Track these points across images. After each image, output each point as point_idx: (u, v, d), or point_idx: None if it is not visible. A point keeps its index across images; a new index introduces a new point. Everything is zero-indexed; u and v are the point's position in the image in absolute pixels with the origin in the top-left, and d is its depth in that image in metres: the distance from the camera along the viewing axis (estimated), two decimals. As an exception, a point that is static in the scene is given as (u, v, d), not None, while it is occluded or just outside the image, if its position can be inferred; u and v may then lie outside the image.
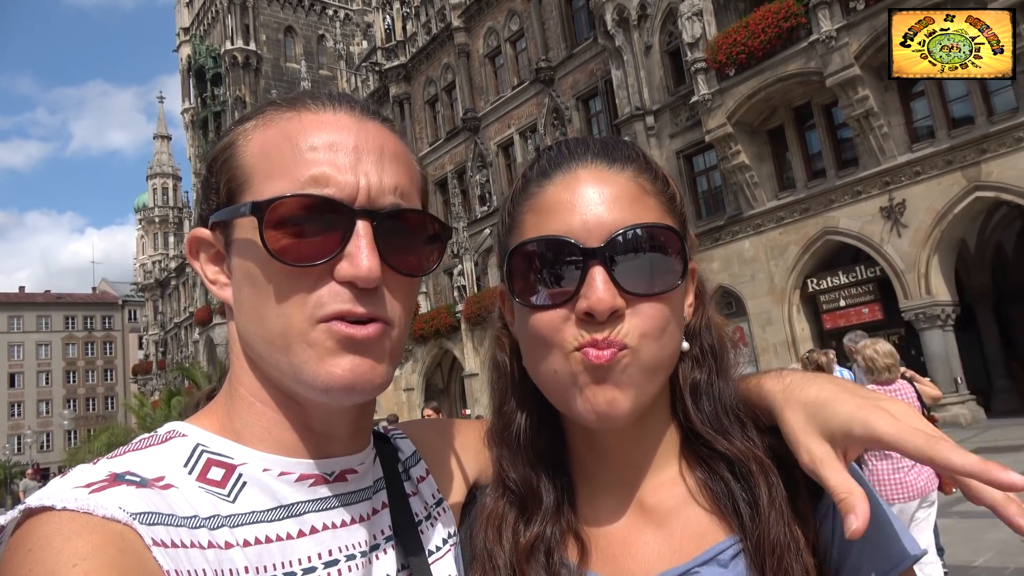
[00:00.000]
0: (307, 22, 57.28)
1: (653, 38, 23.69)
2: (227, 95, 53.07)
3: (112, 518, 0.62)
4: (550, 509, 0.86)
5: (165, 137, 75.50)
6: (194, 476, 0.72)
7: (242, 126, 0.80)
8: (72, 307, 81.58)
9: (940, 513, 9.10)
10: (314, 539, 0.75)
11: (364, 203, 0.74)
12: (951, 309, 18.37)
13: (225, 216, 0.77)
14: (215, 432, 0.78)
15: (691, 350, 0.87)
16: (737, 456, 0.82)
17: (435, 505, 0.92)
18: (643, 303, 0.78)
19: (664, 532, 0.84)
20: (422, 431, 1.01)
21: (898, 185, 18.31)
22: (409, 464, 0.94)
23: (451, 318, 30.56)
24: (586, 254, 0.78)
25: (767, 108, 20.72)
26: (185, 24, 61.13)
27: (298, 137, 0.75)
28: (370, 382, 0.75)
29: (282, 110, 0.79)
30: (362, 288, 0.73)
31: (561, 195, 0.82)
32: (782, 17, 19.03)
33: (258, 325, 0.75)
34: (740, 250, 21.57)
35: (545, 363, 0.81)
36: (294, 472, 0.77)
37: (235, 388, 0.80)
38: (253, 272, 0.75)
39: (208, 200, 0.80)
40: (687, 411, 0.86)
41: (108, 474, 0.67)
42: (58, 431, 73.36)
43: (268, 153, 0.76)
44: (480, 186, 31.69)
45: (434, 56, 34.72)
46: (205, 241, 0.80)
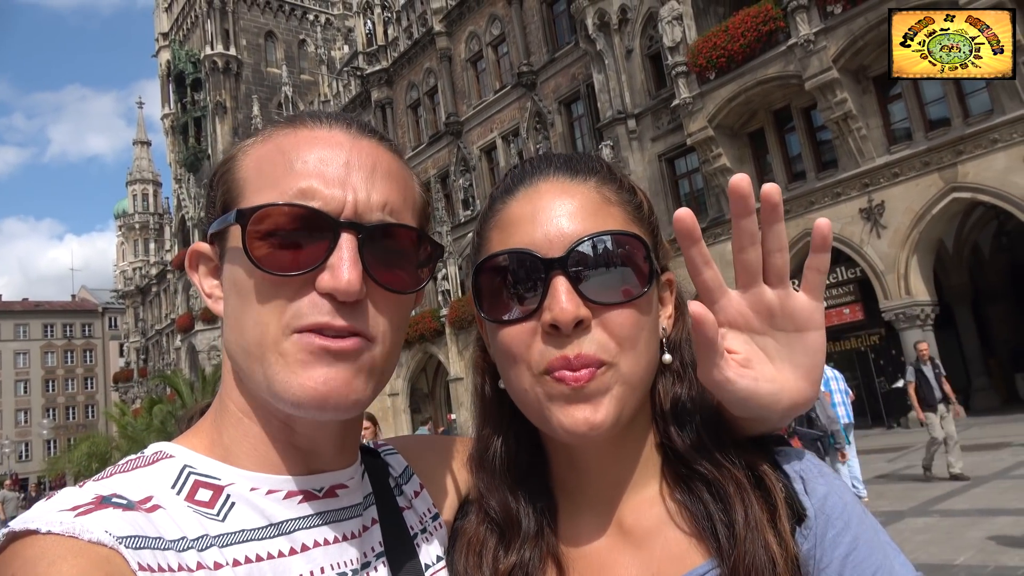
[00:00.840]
0: (288, 27, 56.99)
1: (634, 42, 23.82)
2: (207, 100, 52.66)
3: (98, 542, 0.60)
4: (529, 534, 0.85)
5: (145, 143, 74.78)
6: (182, 497, 0.72)
7: (244, 142, 0.80)
8: (51, 315, 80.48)
9: (922, 512, 9.20)
10: (305, 556, 0.74)
11: (351, 216, 0.73)
12: (930, 309, 18.59)
13: (217, 227, 0.77)
14: (202, 452, 0.77)
15: (672, 364, 0.86)
16: (714, 475, 0.80)
17: (431, 520, 0.91)
18: (609, 312, 0.77)
19: (643, 555, 0.82)
20: (414, 447, 1.00)
21: (877, 187, 18.52)
22: (402, 480, 0.93)
23: (436, 322, 30.50)
24: (547, 265, 0.77)
25: (747, 111, 20.90)
26: (164, 29, 60.61)
27: (291, 152, 0.76)
28: (344, 397, 0.73)
29: (282, 127, 0.79)
30: (342, 301, 0.72)
31: (523, 209, 0.81)
32: (761, 21, 19.21)
33: (238, 335, 0.75)
34: (722, 252, 21.66)
35: (517, 380, 0.80)
36: (282, 490, 0.76)
37: (224, 403, 0.80)
38: (238, 281, 0.75)
39: (209, 214, 0.81)
40: (667, 428, 0.85)
41: (94, 496, 0.66)
42: (37, 441, 72.38)
43: (261, 167, 0.76)
44: (463, 190, 31.68)
45: (416, 61, 34.69)
46: (204, 255, 0.81)
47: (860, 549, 0.76)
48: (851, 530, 0.77)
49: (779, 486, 0.79)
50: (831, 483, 0.80)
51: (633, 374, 0.78)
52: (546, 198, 0.81)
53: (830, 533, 0.77)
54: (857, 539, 0.77)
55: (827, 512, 0.78)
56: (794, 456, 0.83)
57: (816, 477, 0.81)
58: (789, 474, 0.81)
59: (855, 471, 10.62)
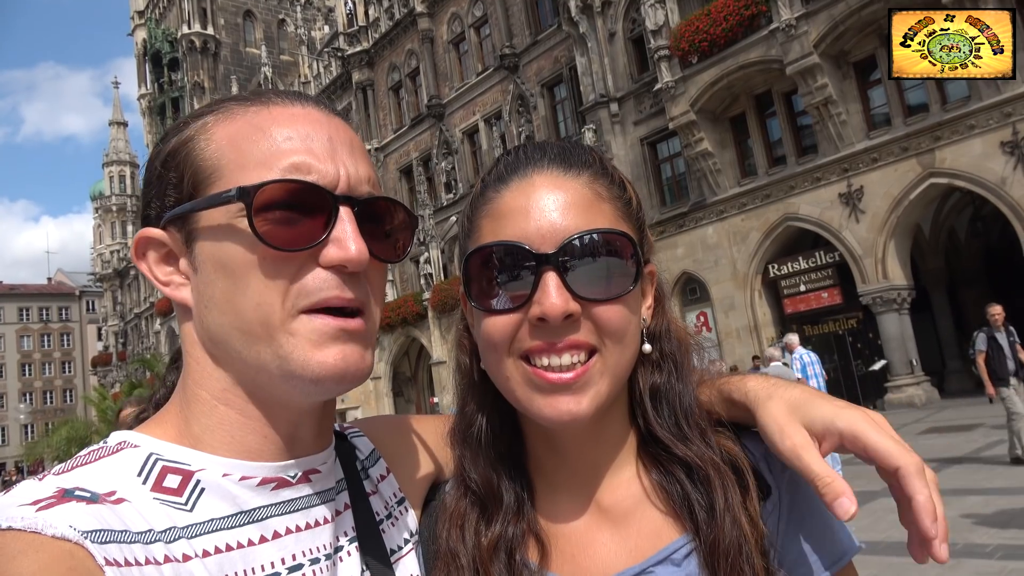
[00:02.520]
0: (267, 6, 56.15)
1: (617, 25, 23.75)
2: (185, 80, 51.88)
3: (62, 537, 0.59)
4: (511, 509, 0.87)
5: (121, 124, 73.43)
6: (148, 486, 0.70)
7: (199, 120, 0.77)
8: (27, 298, 79.29)
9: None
10: (277, 544, 0.73)
11: (345, 190, 0.74)
12: (907, 293, 18.86)
13: (194, 207, 0.73)
14: (170, 440, 0.75)
15: (651, 353, 0.88)
16: (695, 461, 0.83)
17: (396, 504, 0.91)
18: (597, 308, 0.79)
19: (621, 532, 0.86)
20: (379, 429, 0.99)
21: (856, 172, 18.69)
22: (368, 463, 0.92)
23: (418, 306, 30.45)
24: (539, 260, 0.78)
25: (729, 96, 20.95)
26: (140, 7, 59.49)
27: (271, 128, 0.74)
28: (360, 369, 0.75)
29: (245, 104, 0.78)
30: (351, 273, 0.73)
31: (517, 201, 0.82)
32: (743, 5, 19.23)
33: (234, 317, 0.73)
34: (704, 236, 21.84)
35: (501, 367, 0.82)
36: (256, 476, 0.75)
37: (193, 392, 0.77)
38: (230, 262, 0.72)
39: (163, 197, 0.76)
40: (647, 415, 0.87)
41: (56, 490, 0.64)
42: (14, 425, 71.60)
43: (239, 144, 0.74)
44: (446, 173, 31.52)
45: (397, 42, 34.33)
46: (155, 241, 0.77)
47: (815, 522, 0.85)
48: (809, 504, 0.85)
49: (749, 469, 0.84)
50: None
51: (618, 365, 0.82)
52: (540, 191, 0.82)
53: (795, 508, 0.85)
54: (814, 511, 0.85)
55: (789, 487, 0.86)
56: (757, 437, 0.87)
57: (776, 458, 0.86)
58: (755, 454, 0.87)
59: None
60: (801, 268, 20.60)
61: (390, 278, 33.05)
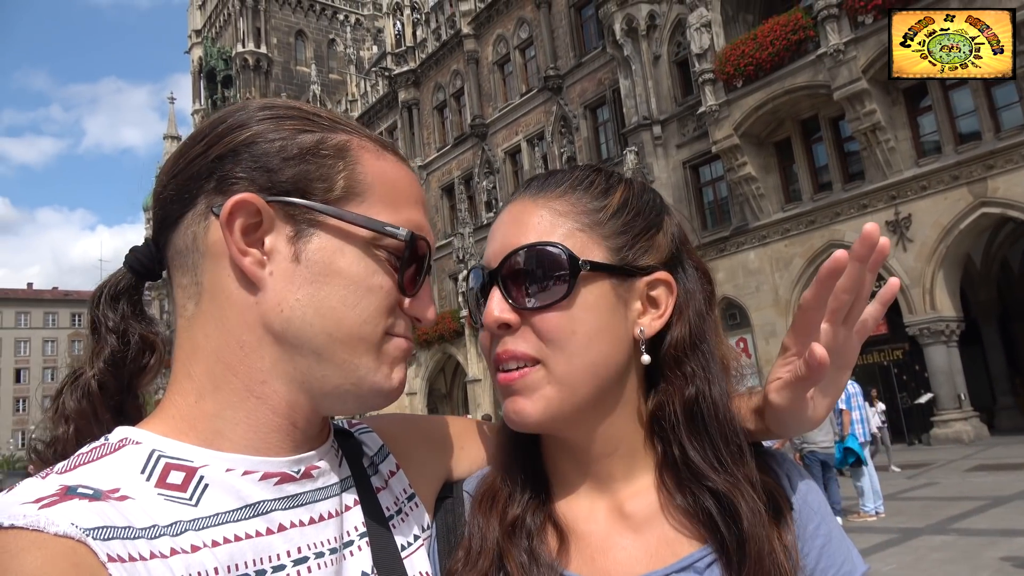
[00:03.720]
0: (318, 26, 57.59)
1: (661, 48, 23.76)
2: (237, 97, 53.33)
3: (64, 535, 0.59)
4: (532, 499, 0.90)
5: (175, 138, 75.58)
6: (152, 483, 0.69)
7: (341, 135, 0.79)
8: (79, 304, 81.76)
9: (939, 530, 9.08)
10: (283, 536, 0.73)
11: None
12: (955, 325, 18.32)
13: (353, 219, 0.76)
14: (171, 436, 0.74)
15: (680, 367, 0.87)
16: (728, 493, 0.82)
17: (407, 500, 0.91)
18: (536, 316, 0.84)
19: (642, 538, 0.86)
20: (389, 425, 0.99)
21: (904, 199, 18.30)
22: (377, 459, 0.92)
23: (455, 323, 30.59)
24: (490, 276, 0.87)
25: (774, 120, 20.75)
26: (197, 26, 61.53)
27: (399, 180, 0.82)
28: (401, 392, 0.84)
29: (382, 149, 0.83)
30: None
31: (495, 224, 0.93)
32: (790, 30, 19.08)
33: (336, 326, 0.75)
34: (745, 261, 21.56)
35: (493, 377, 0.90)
36: (258, 471, 0.74)
37: (224, 378, 0.75)
38: (354, 276, 0.76)
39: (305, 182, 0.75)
40: (681, 438, 0.86)
41: (59, 487, 0.64)
42: (62, 428, 73.46)
43: (384, 180, 0.80)
44: (487, 192, 31.74)
45: (443, 62, 34.86)
46: (252, 208, 0.73)
47: (833, 541, 0.87)
48: (827, 524, 0.87)
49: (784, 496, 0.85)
50: (808, 481, 0.90)
51: (567, 374, 0.84)
52: (506, 215, 0.91)
53: (811, 526, 0.87)
54: (831, 532, 0.87)
55: (809, 506, 0.88)
56: (778, 456, 0.91)
57: (796, 475, 0.91)
58: (777, 472, 0.89)
59: (875, 486, 10.51)
60: (845, 296, 20.14)
61: (429, 295, 33.28)
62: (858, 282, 0.77)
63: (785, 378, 0.83)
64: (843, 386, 0.86)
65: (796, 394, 0.83)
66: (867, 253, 0.76)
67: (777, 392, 0.84)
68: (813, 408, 0.84)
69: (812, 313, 0.79)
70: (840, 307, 0.78)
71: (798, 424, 0.86)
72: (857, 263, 0.76)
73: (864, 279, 0.77)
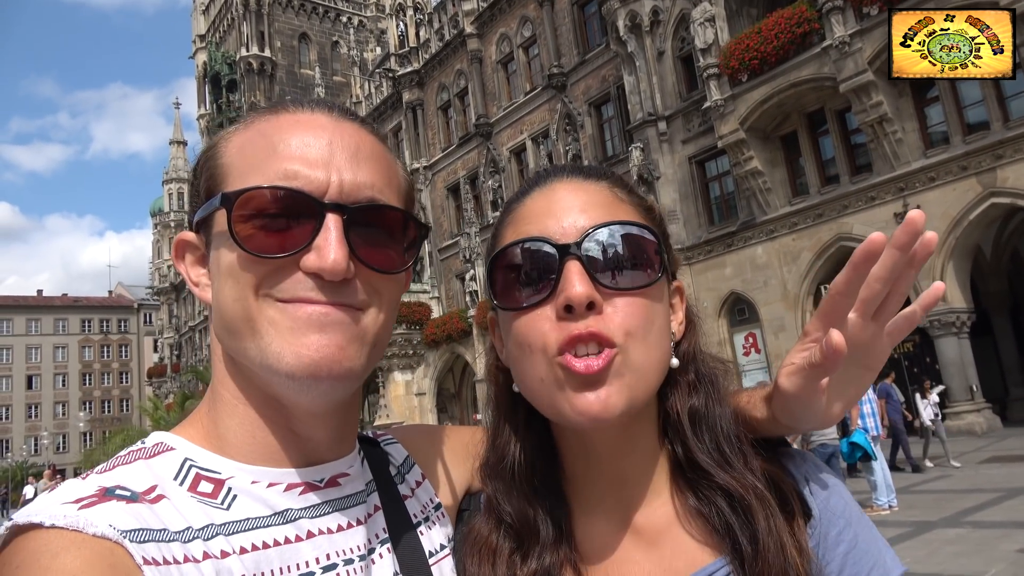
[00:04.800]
0: (321, 29, 57.70)
1: (665, 44, 23.68)
2: (242, 101, 53.53)
3: (103, 536, 0.60)
4: (548, 541, 0.85)
5: (181, 143, 76.08)
6: (185, 488, 0.72)
7: (226, 130, 0.81)
8: (88, 310, 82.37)
9: (953, 523, 9.02)
10: (311, 543, 0.74)
11: (335, 197, 0.74)
12: (966, 316, 18.20)
13: (202, 214, 0.77)
14: (201, 444, 0.77)
15: (686, 375, 0.87)
16: (737, 489, 0.81)
17: (434, 509, 0.92)
18: (621, 298, 0.78)
19: (655, 552, 0.84)
20: (414, 437, 1.00)
21: (912, 191, 18.18)
22: (403, 469, 0.93)
23: (463, 323, 30.59)
24: (561, 250, 0.78)
25: (780, 114, 20.65)
26: (201, 31, 61.74)
27: (273, 135, 0.76)
28: (338, 363, 0.72)
29: (263, 113, 0.80)
30: (328, 280, 0.72)
31: (538, 204, 0.85)
32: (795, 23, 18.97)
33: (219, 317, 0.75)
34: (753, 256, 21.48)
35: (532, 370, 0.80)
36: (281, 482, 0.76)
37: (218, 392, 0.79)
38: (223, 264, 0.74)
39: (193, 204, 0.81)
40: (686, 440, 0.85)
41: (98, 488, 0.66)
42: (74, 432, 74.08)
43: (244, 151, 0.76)
44: (492, 191, 31.74)
45: (447, 62, 34.86)
46: (191, 244, 0.81)
47: (859, 546, 0.82)
48: (852, 527, 0.82)
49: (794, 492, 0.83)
50: (832, 483, 0.86)
51: (643, 364, 0.79)
52: (560, 193, 0.84)
53: (833, 531, 0.82)
54: (857, 536, 0.82)
55: (831, 510, 0.83)
56: (798, 457, 0.87)
57: (818, 477, 0.86)
58: (796, 475, 0.86)
59: (888, 479, 10.47)
60: (854, 289, 20.05)
61: (436, 295, 33.36)
62: (894, 272, 0.69)
63: (798, 363, 0.78)
64: (866, 388, 0.80)
65: (807, 382, 0.77)
66: (908, 241, 0.68)
67: (788, 377, 0.79)
68: (826, 404, 0.79)
69: (840, 299, 0.72)
70: (871, 297, 0.70)
71: (808, 417, 0.81)
72: (896, 251, 0.68)
73: (902, 271, 0.69)
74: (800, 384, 0.78)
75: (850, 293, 0.71)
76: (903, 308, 0.74)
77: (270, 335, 0.72)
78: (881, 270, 0.69)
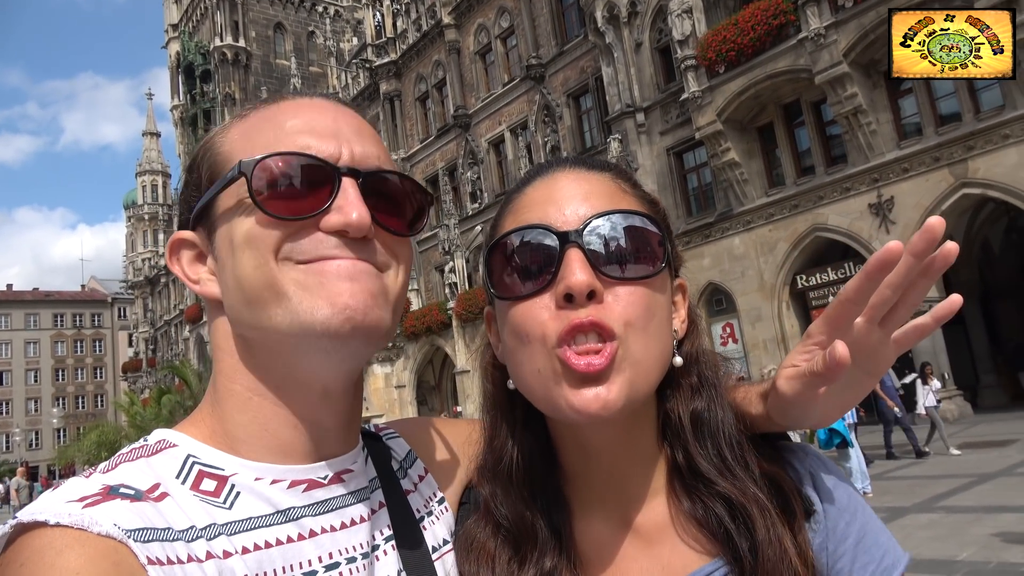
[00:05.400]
0: (297, 18, 57.01)
1: (643, 35, 23.72)
2: (217, 92, 52.79)
3: (107, 535, 0.61)
4: (548, 545, 0.84)
5: (154, 134, 74.94)
6: (187, 486, 0.72)
7: (220, 127, 0.82)
8: (61, 304, 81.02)
9: (926, 508, 9.19)
10: (314, 542, 0.74)
11: (348, 163, 0.76)
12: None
13: (209, 195, 0.76)
14: (204, 440, 0.76)
15: (689, 377, 0.85)
16: (739, 499, 0.79)
17: (437, 503, 0.91)
18: (622, 288, 0.76)
19: (653, 552, 0.83)
20: (415, 431, 1.00)
21: (886, 182, 18.42)
22: (406, 464, 0.93)
23: (443, 315, 30.54)
24: (562, 238, 0.77)
25: (757, 105, 20.80)
26: (174, 20, 60.74)
27: (278, 118, 0.78)
28: (372, 311, 0.73)
29: (261, 105, 0.82)
30: (352, 238, 0.73)
31: (539, 192, 0.84)
32: (771, 15, 19.09)
33: (240, 291, 0.74)
34: (730, 247, 21.65)
35: (529, 362, 0.78)
36: (285, 479, 0.76)
37: (227, 388, 0.78)
38: (238, 236, 0.74)
39: (190, 200, 0.80)
40: (687, 444, 0.83)
41: (102, 487, 0.66)
42: (47, 429, 72.93)
43: (249, 136, 0.77)
44: (471, 183, 31.65)
45: (424, 53, 34.63)
46: (187, 242, 0.80)
47: (868, 535, 0.81)
48: (858, 519, 0.82)
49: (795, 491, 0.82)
50: (836, 475, 0.85)
51: (644, 357, 0.77)
52: (562, 182, 0.83)
53: (840, 524, 0.81)
54: (864, 526, 0.82)
55: (836, 504, 0.82)
56: (799, 452, 0.86)
57: (821, 472, 0.85)
58: (799, 471, 0.85)
59: (862, 466, 10.63)
60: (830, 279, 20.30)
61: (415, 287, 33.23)
62: (907, 279, 0.68)
63: (800, 368, 0.77)
64: (864, 394, 0.78)
65: (806, 388, 0.77)
66: (925, 249, 0.66)
67: (787, 380, 0.79)
68: (824, 408, 0.78)
69: (850, 307, 0.71)
70: (881, 303, 0.69)
71: (802, 418, 0.81)
72: (913, 258, 0.67)
73: (917, 278, 0.68)
74: (799, 390, 0.77)
75: (860, 301, 0.71)
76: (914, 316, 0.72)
77: (298, 295, 0.72)
78: (895, 276, 0.68)
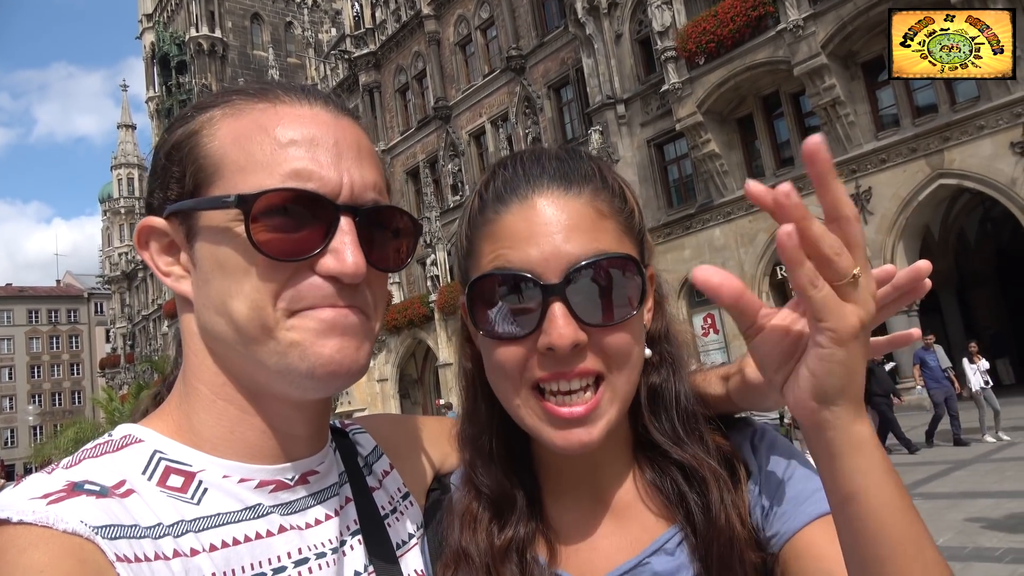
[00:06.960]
0: (274, 9, 56.34)
1: (623, 26, 23.73)
2: (193, 83, 52.07)
3: (74, 532, 0.59)
4: (523, 512, 0.89)
5: (130, 126, 73.82)
6: (154, 482, 0.70)
7: (206, 113, 0.76)
8: (35, 300, 79.78)
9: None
10: (283, 538, 0.74)
11: (347, 199, 0.73)
12: (915, 294, 18.73)
13: (195, 206, 0.73)
14: (171, 436, 0.75)
15: (651, 357, 0.89)
16: (691, 464, 0.85)
17: (402, 499, 0.92)
18: (604, 334, 0.79)
19: (621, 526, 0.88)
20: (381, 426, 1.00)
21: (864, 173, 18.61)
22: (371, 459, 0.93)
23: (424, 308, 30.47)
24: (545, 291, 0.77)
25: (736, 97, 20.90)
26: (148, 10, 59.81)
27: (276, 129, 0.73)
28: (355, 363, 0.75)
29: (253, 100, 0.76)
30: (346, 284, 0.73)
31: (518, 224, 0.81)
32: (750, 6, 19.18)
33: (229, 319, 0.72)
34: (711, 238, 21.77)
35: (510, 396, 0.83)
36: (253, 479, 0.75)
37: (193, 386, 0.77)
38: (227, 264, 0.72)
39: (166, 189, 0.76)
40: (645, 420, 0.88)
41: (66, 483, 0.64)
42: (23, 427, 71.92)
43: (242, 144, 0.73)
44: (452, 175, 31.56)
45: (404, 44, 34.40)
46: (158, 230, 0.77)
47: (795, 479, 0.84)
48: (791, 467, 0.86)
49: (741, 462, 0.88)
50: (771, 436, 0.91)
51: (625, 391, 0.83)
52: (542, 215, 0.80)
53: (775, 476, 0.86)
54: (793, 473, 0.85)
55: (773, 460, 0.87)
56: (742, 423, 0.92)
57: (760, 437, 0.91)
58: (738, 440, 0.90)
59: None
60: (809, 270, 20.47)
61: (396, 280, 33.08)
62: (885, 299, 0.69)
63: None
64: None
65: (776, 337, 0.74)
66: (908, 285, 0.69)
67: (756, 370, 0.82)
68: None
69: None
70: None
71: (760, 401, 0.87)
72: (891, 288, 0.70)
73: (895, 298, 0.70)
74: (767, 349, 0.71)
75: None
76: None
77: (289, 341, 0.72)
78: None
